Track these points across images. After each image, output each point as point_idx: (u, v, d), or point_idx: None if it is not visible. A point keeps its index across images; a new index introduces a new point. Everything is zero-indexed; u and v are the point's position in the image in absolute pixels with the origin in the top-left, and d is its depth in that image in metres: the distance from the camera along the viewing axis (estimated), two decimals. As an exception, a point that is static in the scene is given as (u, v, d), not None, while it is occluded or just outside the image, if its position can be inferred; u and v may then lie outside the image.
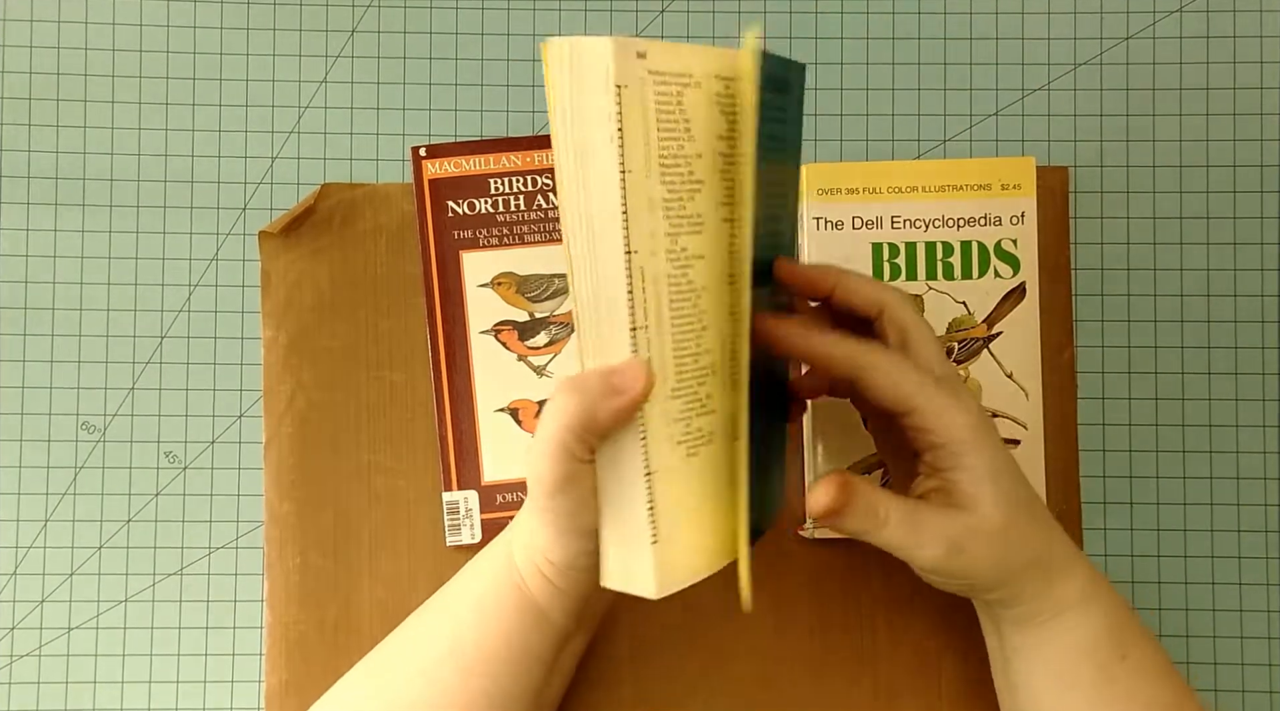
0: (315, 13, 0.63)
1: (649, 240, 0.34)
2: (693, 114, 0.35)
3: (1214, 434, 0.61)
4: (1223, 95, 0.62)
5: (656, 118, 0.34)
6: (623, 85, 0.32)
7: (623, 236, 0.34)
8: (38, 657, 0.61)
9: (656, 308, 0.35)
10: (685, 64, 0.34)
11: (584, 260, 0.35)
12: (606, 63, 0.31)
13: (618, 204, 0.34)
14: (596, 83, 0.32)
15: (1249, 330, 0.61)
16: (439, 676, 0.40)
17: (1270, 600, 0.60)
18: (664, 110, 0.34)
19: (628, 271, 0.34)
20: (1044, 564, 0.39)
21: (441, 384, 0.49)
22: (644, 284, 0.34)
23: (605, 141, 0.32)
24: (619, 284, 0.35)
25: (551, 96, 0.31)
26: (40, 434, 0.62)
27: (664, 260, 0.35)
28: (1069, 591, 0.39)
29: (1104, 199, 0.62)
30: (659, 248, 0.35)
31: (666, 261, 0.35)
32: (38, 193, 0.63)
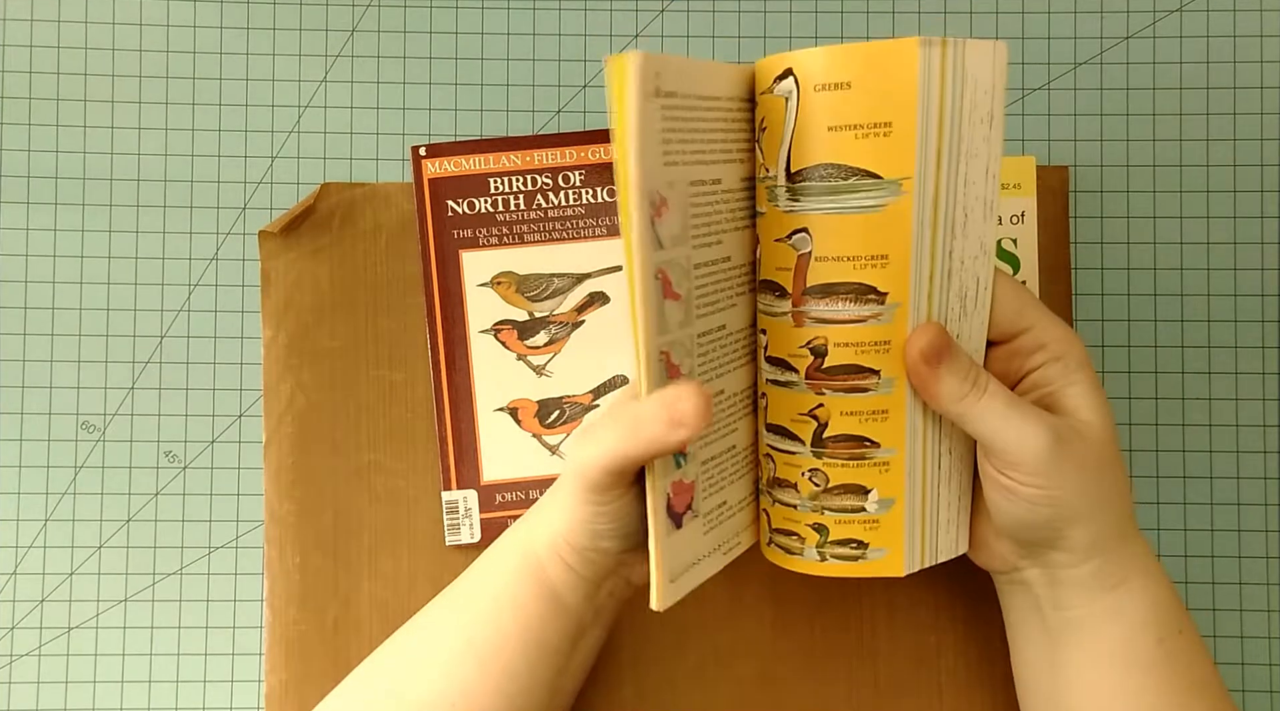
0: (315, 12, 0.63)
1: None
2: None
3: (1214, 434, 0.61)
4: (1223, 95, 0.62)
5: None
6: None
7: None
8: (37, 657, 0.61)
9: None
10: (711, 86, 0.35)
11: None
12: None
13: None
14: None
15: (1249, 330, 0.61)
16: (457, 671, 0.39)
17: (1270, 600, 0.60)
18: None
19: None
20: (1126, 509, 0.38)
21: (441, 383, 0.48)
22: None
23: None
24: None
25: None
26: (40, 433, 0.62)
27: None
28: (1138, 552, 0.38)
29: (1104, 199, 0.62)
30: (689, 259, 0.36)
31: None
32: (37, 192, 0.63)
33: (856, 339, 0.36)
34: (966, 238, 0.36)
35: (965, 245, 0.36)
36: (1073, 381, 0.37)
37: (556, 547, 0.39)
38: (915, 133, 0.34)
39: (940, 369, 0.35)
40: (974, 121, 0.35)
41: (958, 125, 0.34)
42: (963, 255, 0.36)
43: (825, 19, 0.62)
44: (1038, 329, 0.37)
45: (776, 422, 0.39)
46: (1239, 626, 0.59)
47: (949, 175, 0.35)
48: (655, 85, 0.32)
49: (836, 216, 0.35)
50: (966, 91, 0.34)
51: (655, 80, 0.32)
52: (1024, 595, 0.41)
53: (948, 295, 0.36)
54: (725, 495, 0.40)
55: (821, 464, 0.38)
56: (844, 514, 0.38)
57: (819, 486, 0.38)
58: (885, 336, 0.36)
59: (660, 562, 0.36)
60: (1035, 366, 0.38)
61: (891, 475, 0.37)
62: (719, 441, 0.39)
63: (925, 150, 0.34)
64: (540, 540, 0.39)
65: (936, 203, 0.35)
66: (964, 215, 0.36)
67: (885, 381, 0.36)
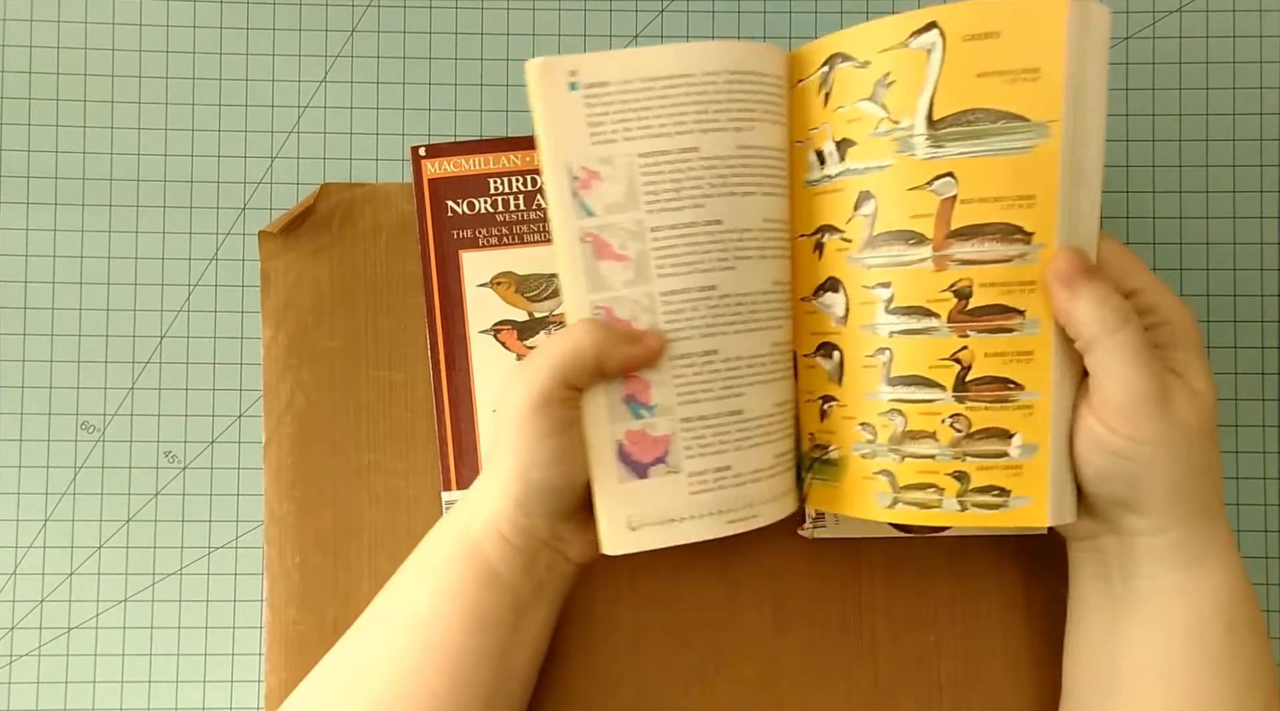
0: (315, 12, 0.63)
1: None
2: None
3: (1214, 434, 0.61)
4: (1223, 95, 0.62)
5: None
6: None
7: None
8: (37, 657, 0.61)
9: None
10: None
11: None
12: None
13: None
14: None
15: (1249, 330, 0.61)
16: (404, 654, 0.40)
17: (1270, 600, 0.60)
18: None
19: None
20: (1214, 487, 0.37)
21: (441, 383, 0.49)
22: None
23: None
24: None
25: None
26: (40, 433, 0.62)
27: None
28: (1221, 535, 0.38)
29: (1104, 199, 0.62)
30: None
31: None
32: (37, 192, 0.63)
33: (1003, 279, 0.37)
34: (1086, 190, 0.38)
35: (1084, 197, 0.38)
36: (1182, 346, 0.37)
37: (495, 523, 0.39)
38: (1063, 78, 0.36)
39: (1080, 290, 0.36)
40: (1095, 75, 0.37)
41: (1085, 76, 0.37)
42: (1083, 207, 0.38)
43: (825, 19, 0.62)
44: (1147, 292, 0.38)
45: (909, 373, 0.39)
46: (1239, 626, 0.59)
47: (1080, 124, 0.37)
48: (570, 81, 0.37)
49: (985, 159, 0.37)
50: (1092, 45, 0.37)
51: (569, 77, 0.37)
52: (1095, 563, 0.40)
53: (1074, 243, 0.38)
54: (729, 460, 0.40)
55: (964, 409, 0.38)
56: (986, 460, 0.38)
57: (960, 432, 0.38)
58: (1030, 276, 0.37)
59: (605, 505, 0.38)
60: (1147, 326, 0.37)
61: (1036, 419, 0.37)
62: (714, 402, 0.40)
63: (1069, 95, 0.36)
64: (477, 519, 0.40)
65: (1073, 149, 0.37)
66: (1087, 166, 0.38)
67: (1030, 322, 0.37)
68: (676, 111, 0.39)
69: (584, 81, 0.38)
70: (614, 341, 0.37)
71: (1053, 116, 0.36)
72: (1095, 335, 0.35)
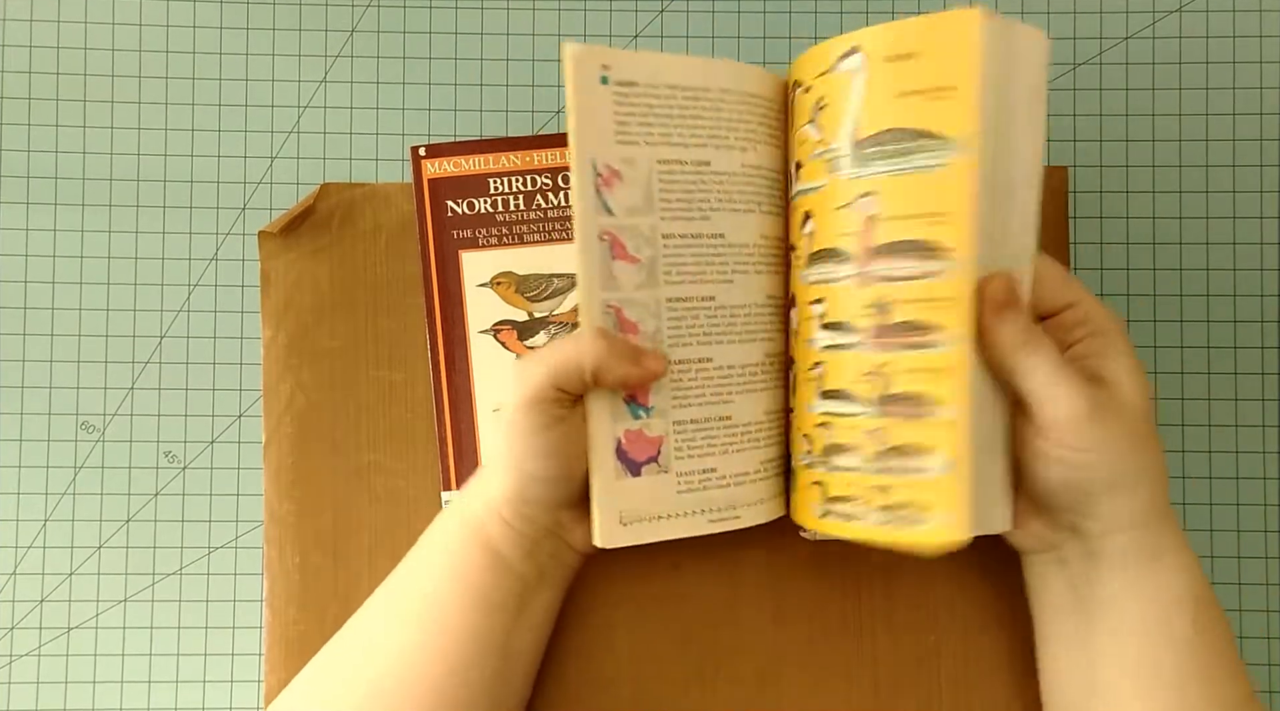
0: (315, 13, 0.63)
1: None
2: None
3: (1214, 434, 0.61)
4: (1223, 95, 0.62)
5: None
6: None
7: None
8: (37, 657, 0.61)
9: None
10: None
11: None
12: None
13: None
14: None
15: (1249, 330, 0.61)
16: (405, 633, 0.40)
17: (1270, 600, 0.60)
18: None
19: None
20: (1161, 485, 0.38)
21: (441, 383, 0.49)
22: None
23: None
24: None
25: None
26: (40, 433, 0.62)
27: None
28: (1173, 530, 0.39)
29: (1104, 199, 0.62)
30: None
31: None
32: (37, 193, 0.63)
33: (920, 295, 0.38)
34: (1013, 208, 0.38)
35: (1012, 215, 0.38)
36: (1113, 355, 0.38)
37: (497, 508, 0.40)
38: (977, 94, 0.36)
39: (1004, 316, 0.37)
40: (1022, 95, 0.37)
41: (1009, 95, 0.37)
42: (1010, 225, 0.38)
43: (825, 19, 0.62)
44: (1080, 305, 0.39)
45: (836, 388, 0.40)
46: (1239, 626, 0.59)
47: (1003, 142, 0.37)
48: (602, 74, 0.37)
49: (903, 177, 0.37)
50: (1017, 65, 0.37)
51: (601, 70, 0.37)
52: (1058, 574, 0.40)
53: (1001, 261, 0.38)
54: (714, 463, 0.41)
55: (884, 423, 0.38)
56: (907, 475, 0.38)
57: (882, 446, 0.38)
58: (949, 292, 0.37)
59: (601, 500, 0.39)
60: (1078, 339, 0.39)
61: (954, 435, 0.38)
62: (704, 407, 0.41)
63: (988, 112, 0.36)
64: (479, 503, 0.40)
65: (995, 166, 0.37)
66: (1012, 185, 0.38)
67: (948, 338, 0.37)
68: (694, 123, 0.39)
69: (615, 78, 0.38)
70: (615, 358, 0.37)
71: (969, 133, 0.36)
72: (1017, 362, 0.37)
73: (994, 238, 0.37)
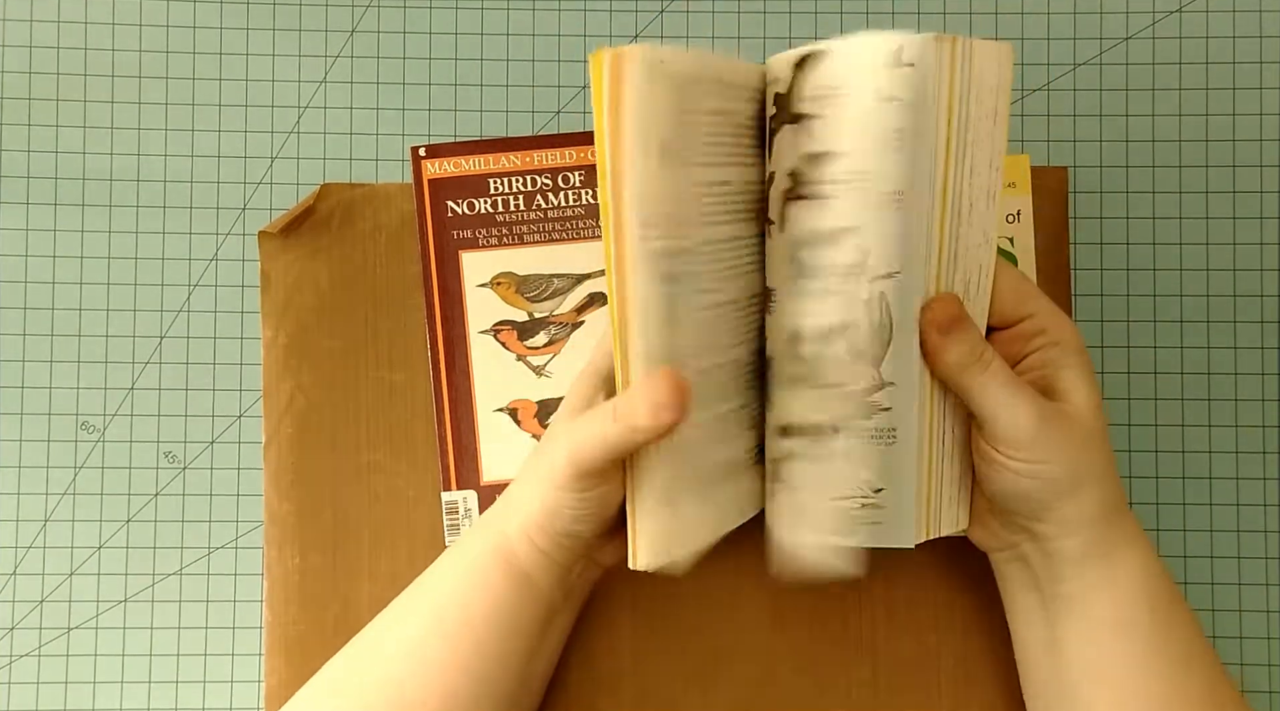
0: (315, 13, 0.63)
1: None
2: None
3: (1214, 434, 0.61)
4: (1223, 95, 0.62)
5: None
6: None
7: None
8: (37, 657, 0.61)
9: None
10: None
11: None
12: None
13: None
14: None
15: (1249, 330, 0.61)
16: (425, 652, 0.40)
17: (1270, 600, 0.60)
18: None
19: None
20: (1112, 485, 0.39)
21: (441, 384, 0.48)
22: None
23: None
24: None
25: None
26: (40, 434, 0.62)
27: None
28: (1127, 525, 0.40)
29: (1104, 199, 0.62)
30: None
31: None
32: (37, 193, 0.63)
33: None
34: (971, 226, 0.38)
35: (970, 233, 0.38)
36: (1067, 365, 0.39)
37: (528, 532, 0.39)
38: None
39: (950, 337, 0.37)
40: (980, 116, 0.37)
41: (965, 118, 0.36)
42: (968, 242, 0.38)
43: (825, 19, 0.62)
44: (1039, 316, 0.39)
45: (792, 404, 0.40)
46: (1239, 626, 0.59)
47: (956, 164, 0.37)
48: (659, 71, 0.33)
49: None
50: (974, 87, 0.36)
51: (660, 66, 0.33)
52: (1020, 572, 0.42)
53: (953, 279, 0.38)
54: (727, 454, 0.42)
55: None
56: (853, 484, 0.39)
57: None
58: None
59: (644, 526, 0.38)
60: (1034, 349, 0.40)
61: (898, 448, 0.39)
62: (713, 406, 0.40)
63: (936, 139, 0.36)
64: (512, 524, 0.40)
65: (945, 190, 0.37)
66: (969, 204, 0.38)
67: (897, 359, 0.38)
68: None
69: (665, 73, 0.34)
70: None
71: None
72: (965, 382, 0.38)
73: (950, 256, 0.38)
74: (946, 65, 0.35)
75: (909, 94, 0.35)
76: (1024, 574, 0.41)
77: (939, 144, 0.36)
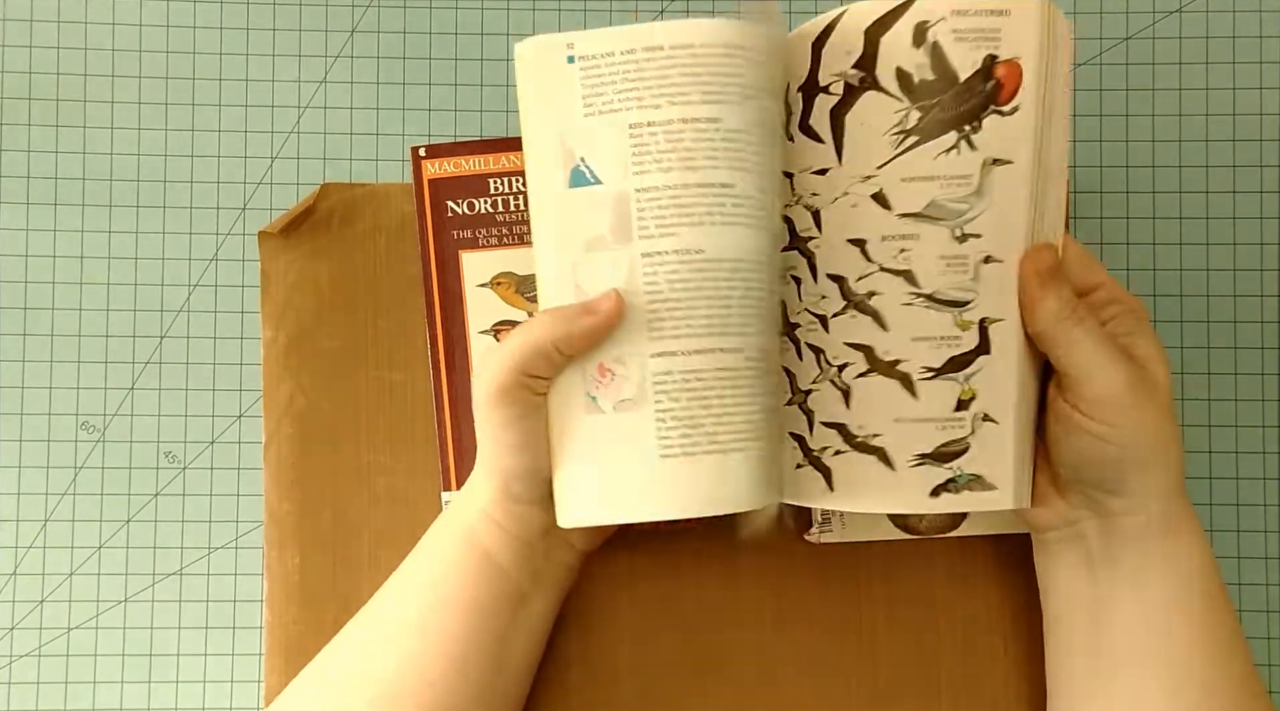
0: (315, 13, 0.63)
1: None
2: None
3: (1214, 434, 0.61)
4: (1223, 95, 0.62)
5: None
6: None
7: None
8: (37, 657, 0.61)
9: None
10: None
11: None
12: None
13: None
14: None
15: (1249, 330, 0.61)
16: (403, 643, 0.40)
17: (1270, 600, 0.60)
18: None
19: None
20: (1180, 461, 0.39)
21: (441, 384, 0.48)
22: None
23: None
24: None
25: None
26: (40, 434, 0.62)
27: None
28: (1188, 507, 0.39)
29: (1104, 199, 0.62)
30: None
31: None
32: (37, 193, 0.63)
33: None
34: (1053, 187, 0.39)
35: (1051, 197, 0.39)
36: (1144, 334, 0.39)
37: (485, 509, 0.39)
38: (1034, 70, 0.37)
39: (1049, 288, 0.37)
40: (1060, 80, 0.38)
41: (1055, 77, 0.38)
42: (1051, 203, 0.39)
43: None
44: (1108, 285, 0.39)
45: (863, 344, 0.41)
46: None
47: (1047, 124, 0.38)
48: (568, 54, 0.38)
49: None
50: (1060, 53, 0.38)
51: (566, 50, 0.38)
52: (1074, 551, 0.40)
53: (1043, 235, 0.39)
54: (700, 417, 0.41)
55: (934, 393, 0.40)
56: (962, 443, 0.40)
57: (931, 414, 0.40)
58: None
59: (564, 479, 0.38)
60: (1112, 316, 0.39)
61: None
62: (689, 357, 0.40)
63: (1039, 86, 0.37)
64: (471, 505, 0.40)
65: (1043, 140, 0.38)
66: (1053, 164, 0.39)
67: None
68: (665, 81, 0.39)
69: (579, 53, 0.39)
70: (566, 319, 0.36)
71: (1017, 103, 0.38)
72: (1059, 333, 0.37)
73: (1040, 217, 0.38)
74: (1048, 23, 0.37)
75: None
76: (1077, 553, 0.40)
77: (1040, 96, 0.37)
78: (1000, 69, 0.38)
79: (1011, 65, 0.37)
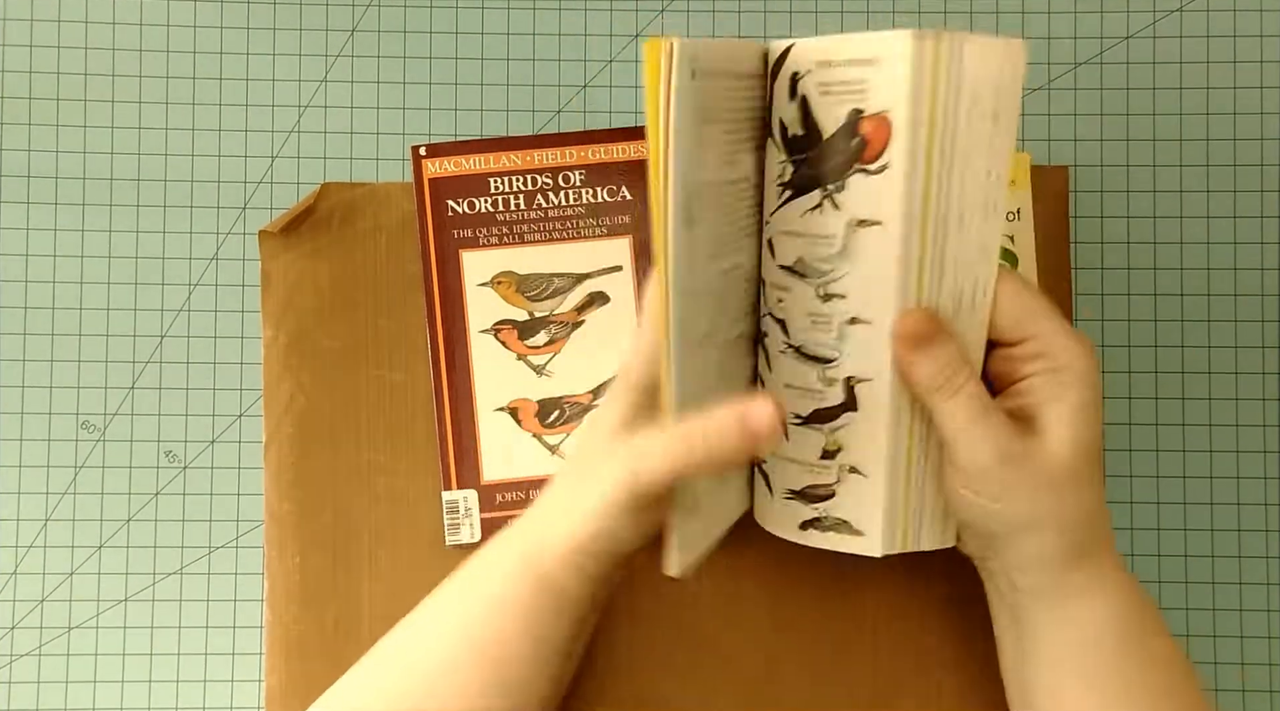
0: (315, 12, 0.63)
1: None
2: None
3: (1214, 434, 0.61)
4: (1223, 95, 0.62)
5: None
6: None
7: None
8: (37, 657, 0.61)
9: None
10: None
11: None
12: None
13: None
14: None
15: (1249, 330, 0.61)
16: (460, 672, 0.39)
17: (1270, 600, 0.60)
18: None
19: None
20: (1083, 530, 0.37)
21: (441, 383, 0.48)
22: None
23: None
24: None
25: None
26: (40, 433, 0.62)
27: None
28: (1093, 573, 0.38)
29: (1104, 198, 0.62)
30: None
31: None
32: (38, 192, 0.63)
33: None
34: (963, 238, 0.36)
35: (962, 245, 0.36)
36: (1059, 399, 0.36)
37: (565, 552, 0.37)
38: (905, 123, 0.34)
39: (920, 354, 0.35)
40: (973, 118, 0.34)
41: (953, 121, 0.34)
42: (958, 255, 0.36)
43: (825, 19, 0.62)
44: (1041, 339, 0.37)
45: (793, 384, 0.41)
46: (1239, 626, 0.59)
47: (941, 171, 0.34)
48: (691, 68, 0.32)
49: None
50: (965, 87, 0.34)
51: (690, 63, 0.32)
52: (990, 585, 0.41)
53: (939, 293, 0.36)
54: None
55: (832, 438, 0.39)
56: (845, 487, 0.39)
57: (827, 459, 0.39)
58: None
59: (683, 531, 0.37)
60: (1030, 374, 0.37)
61: (871, 454, 0.38)
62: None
63: (914, 141, 0.34)
64: (545, 543, 0.38)
65: (926, 196, 0.35)
66: (960, 214, 0.36)
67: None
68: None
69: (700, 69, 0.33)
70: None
71: (885, 163, 0.35)
72: (933, 403, 0.36)
73: (934, 267, 0.35)
74: (929, 66, 0.33)
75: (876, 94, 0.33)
76: (992, 587, 0.41)
77: (917, 149, 0.34)
78: (866, 124, 0.34)
79: (879, 120, 0.34)
